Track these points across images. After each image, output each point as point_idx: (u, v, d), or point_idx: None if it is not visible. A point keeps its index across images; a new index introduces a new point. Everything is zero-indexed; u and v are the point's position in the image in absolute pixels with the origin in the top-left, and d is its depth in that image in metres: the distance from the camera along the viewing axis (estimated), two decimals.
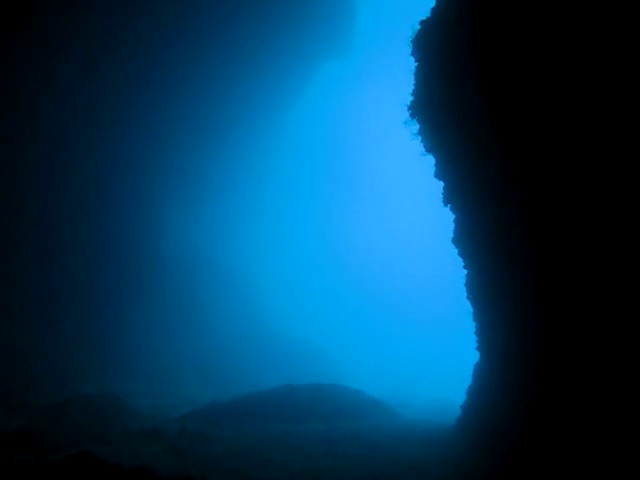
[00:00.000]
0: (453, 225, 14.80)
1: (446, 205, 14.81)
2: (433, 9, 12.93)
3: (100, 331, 34.95)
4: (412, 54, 13.79)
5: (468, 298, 16.28)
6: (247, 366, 41.17)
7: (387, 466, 14.76)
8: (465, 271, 16.24)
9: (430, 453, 17.06)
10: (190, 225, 46.34)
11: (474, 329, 17.46)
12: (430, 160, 14.75)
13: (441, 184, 14.54)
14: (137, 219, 39.59)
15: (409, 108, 14.23)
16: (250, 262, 53.94)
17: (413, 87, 13.94)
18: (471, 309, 16.46)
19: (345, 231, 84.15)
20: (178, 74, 41.57)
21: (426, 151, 14.65)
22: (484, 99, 12.71)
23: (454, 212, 14.75)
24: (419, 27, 13.43)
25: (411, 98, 14.13)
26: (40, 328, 31.30)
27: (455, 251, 15.75)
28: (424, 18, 13.14)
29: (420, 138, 14.56)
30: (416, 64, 13.77)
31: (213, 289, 45.98)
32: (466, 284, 15.96)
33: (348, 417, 24.14)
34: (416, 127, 14.36)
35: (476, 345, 17.63)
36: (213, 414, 23.48)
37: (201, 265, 46.03)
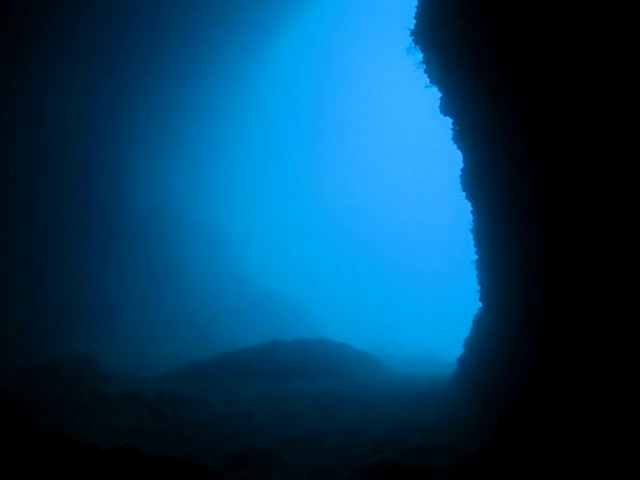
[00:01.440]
0: (456, 166, 13.49)
1: (456, 143, 13.38)
2: None
3: (70, 289, 33.29)
4: None
5: (475, 246, 15.06)
6: (227, 322, 40.04)
7: (386, 428, 13.75)
8: (465, 218, 15.03)
9: (428, 412, 16.12)
10: (165, 173, 44.20)
11: (477, 278, 16.32)
12: (430, 95, 13.28)
13: (444, 121, 13.13)
14: (105, 165, 37.45)
15: (412, 33, 12.61)
16: (229, 213, 52.23)
17: (416, 6, 12.30)
18: (475, 256, 15.28)
19: (328, 176, 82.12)
20: (152, 24, 38.98)
21: (430, 82, 13.10)
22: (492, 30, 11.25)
23: (462, 151, 13.34)
24: None
25: (414, 21, 12.50)
26: (6, 290, 29.56)
27: (450, 197, 14.57)
28: None
29: (424, 68, 12.99)
30: None
31: (190, 242, 44.27)
32: (472, 230, 14.72)
33: (336, 373, 23.18)
34: (419, 55, 12.79)
35: (478, 295, 16.53)
36: (194, 374, 22.31)
37: (177, 216, 44.18)
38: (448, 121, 13.14)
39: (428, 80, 12.99)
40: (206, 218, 47.71)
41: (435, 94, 13.11)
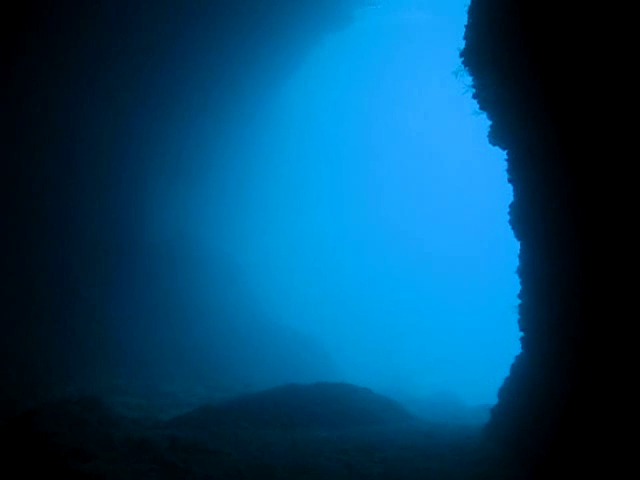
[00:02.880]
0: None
1: (509, 176, 12.18)
2: None
3: (80, 324, 32.11)
4: None
5: (521, 289, 13.76)
6: (240, 358, 38.57)
7: None
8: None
9: (463, 470, 14.63)
10: (178, 208, 43.36)
11: (520, 324, 14.96)
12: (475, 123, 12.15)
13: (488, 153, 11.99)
14: (120, 199, 36.64)
15: (461, 54, 11.59)
16: (243, 250, 51.23)
17: (467, 22, 11.29)
18: (519, 287, 13.98)
19: (348, 209, 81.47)
20: (171, 49, 38.59)
21: (480, 109, 12.04)
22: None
23: (515, 185, 12.16)
24: None
25: (464, 41, 11.49)
26: (13, 322, 28.41)
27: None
28: None
29: (473, 93, 11.94)
30: None
31: (202, 278, 43.16)
32: (519, 271, 13.44)
33: (358, 421, 21.66)
34: (468, 79, 11.75)
35: (520, 335, 15.14)
36: (207, 419, 20.87)
37: (190, 252, 43.16)
38: (493, 153, 12.09)
39: (477, 106, 11.94)
40: (220, 251, 46.70)
41: (481, 122, 12.09)
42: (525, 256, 12.84)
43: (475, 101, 11.92)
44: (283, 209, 63.82)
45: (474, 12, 11.06)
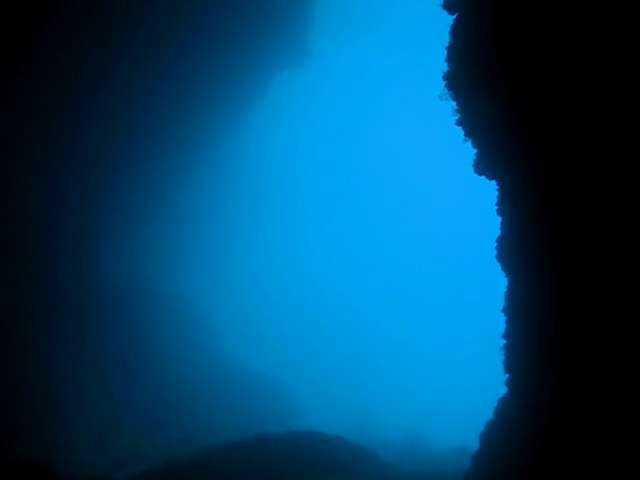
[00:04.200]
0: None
1: (498, 207, 11.44)
2: None
3: (24, 374, 29.89)
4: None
5: (507, 328, 12.95)
6: (204, 406, 36.74)
7: None
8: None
9: None
10: (131, 249, 41.59)
11: (504, 365, 14.10)
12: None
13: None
14: (66, 239, 34.82)
15: (444, 77, 10.94)
16: (206, 291, 49.59)
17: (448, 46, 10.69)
18: (504, 326, 13.17)
19: (305, 251, 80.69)
20: (122, 84, 37.44)
21: (466, 136, 11.36)
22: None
23: (503, 217, 11.43)
24: None
25: (446, 64, 10.85)
26: None
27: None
28: None
29: (457, 119, 11.26)
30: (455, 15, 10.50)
31: (163, 320, 41.27)
32: (505, 309, 12.65)
33: (330, 471, 20.37)
34: (452, 103, 11.06)
35: (505, 377, 14.27)
36: (170, 477, 19.25)
37: (148, 292, 41.28)
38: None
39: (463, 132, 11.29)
40: (180, 294, 44.93)
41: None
42: (512, 294, 12.09)
43: (460, 128, 11.33)
44: (244, 249, 62.59)
45: (456, 32, 10.51)
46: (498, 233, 11.67)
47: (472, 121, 10.68)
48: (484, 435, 17.41)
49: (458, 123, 11.31)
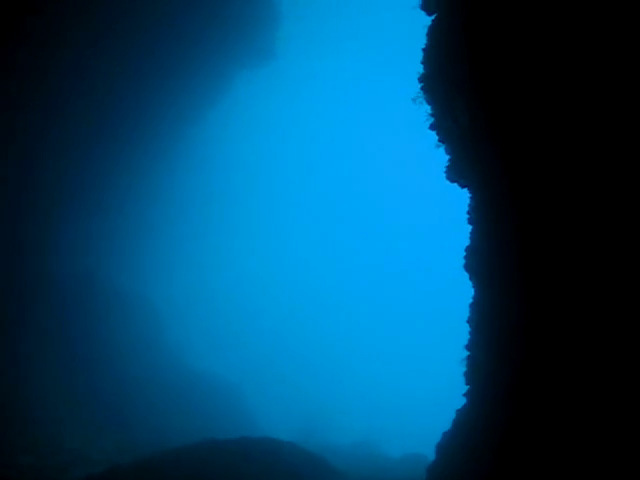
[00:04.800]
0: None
1: (469, 216, 11.22)
2: None
3: None
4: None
5: (471, 338, 12.78)
6: (152, 408, 35.63)
7: None
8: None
9: None
10: (86, 243, 40.18)
11: (465, 376, 13.94)
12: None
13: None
14: (18, 231, 33.40)
15: (420, 79, 10.63)
16: (159, 291, 48.37)
17: (426, 45, 10.38)
18: (465, 351, 12.98)
19: (258, 254, 79.86)
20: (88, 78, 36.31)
21: (439, 141, 11.08)
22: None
23: (474, 227, 11.19)
24: None
25: (421, 66, 10.55)
26: None
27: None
28: None
29: (431, 123, 10.97)
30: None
31: (113, 317, 39.90)
32: (470, 320, 12.46)
33: (284, 479, 19.86)
34: (427, 108, 10.77)
35: (465, 388, 14.10)
36: None
37: (100, 288, 39.91)
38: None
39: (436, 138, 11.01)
40: (135, 293, 43.66)
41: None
42: (478, 306, 11.90)
43: (433, 133, 11.04)
44: (199, 246, 61.49)
45: (434, 34, 10.22)
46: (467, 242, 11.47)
47: (446, 126, 10.44)
48: (441, 445, 17.28)
49: (432, 128, 11.05)
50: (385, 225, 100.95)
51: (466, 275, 11.57)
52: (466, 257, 11.35)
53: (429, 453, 35.84)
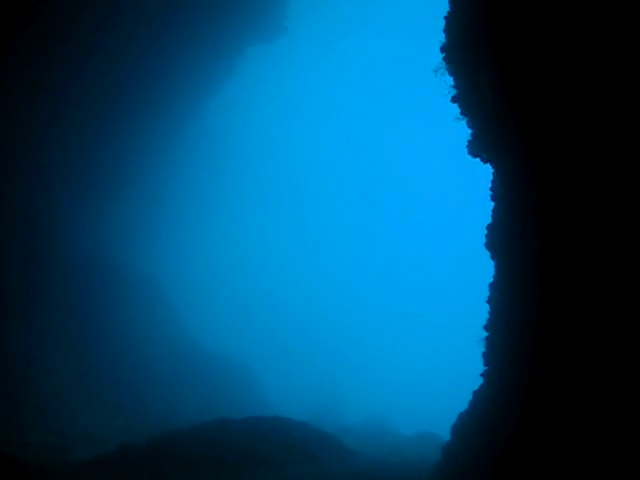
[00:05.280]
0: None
1: (492, 193, 10.69)
2: None
3: None
4: None
5: (490, 318, 12.37)
6: (164, 388, 35.69)
7: None
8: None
9: None
10: (98, 221, 39.97)
11: (484, 357, 13.56)
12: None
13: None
14: (28, 216, 33.21)
15: (442, 49, 10.09)
16: (167, 270, 48.19)
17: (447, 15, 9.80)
18: (487, 316, 12.59)
19: (271, 232, 79.46)
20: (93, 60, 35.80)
21: (461, 114, 10.56)
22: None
23: (497, 202, 10.70)
24: None
25: (443, 35, 9.98)
26: None
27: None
28: None
29: (454, 95, 10.45)
30: None
31: (124, 298, 39.82)
32: (490, 300, 12.04)
33: (296, 460, 19.72)
34: (449, 79, 10.21)
35: (483, 366, 13.72)
36: (127, 462, 18.37)
37: (110, 270, 39.76)
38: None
39: (459, 110, 10.48)
40: (146, 275, 43.46)
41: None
42: (499, 285, 11.46)
43: (455, 105, 10.49)
44: (210, 227, 61.25)
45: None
46: (488, 220, 10.99)
47: (469, 99, 9.90)
48: (457, 426, 16.99)
49: (454, 100, 10.51)
50: (398, 203, 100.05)
51: (486, 254, 11.13)
52: (487, 235, 10.89)
53: (441, 432, 35.77)
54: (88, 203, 38.90)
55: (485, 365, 13.71)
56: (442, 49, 10.17)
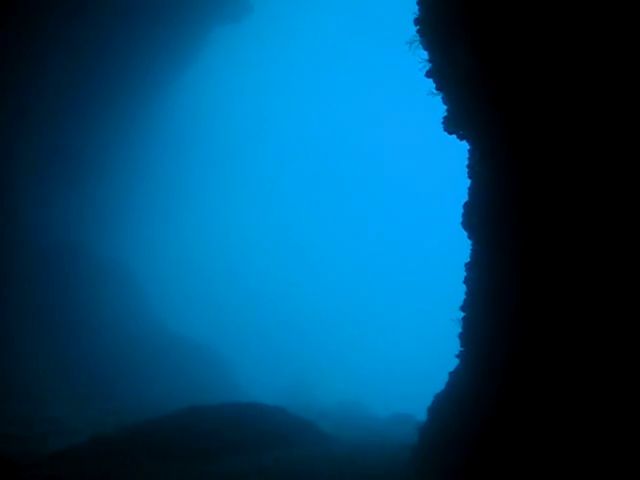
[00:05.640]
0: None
1: (469, 170, 10.49)
2: None
3: None
4: None
5: (466, 299, 12.27)
6: (135, 376, 35.20)
7: None
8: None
9: None
10: (65, 211, 39.07)
11: (460, 338, 13.50)
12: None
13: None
14: None
15: (416, 22, 9.81)
16: (135, 255, 47.40)
17: None
18: (463, 297, 12.51)
19: (240, 216, 78.72)
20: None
21: (437, 89, 10.32)
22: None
23: (473, 180, 10.52)
24: None
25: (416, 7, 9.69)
26: None
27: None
28: None
29: (428, 69, 10.19)
30: None
31: (93, 284, 39.04)
32: (467, 281, 11.93)
33: (273, 445, 19.59)
34: (424, 53, 9.96)
35: (459, 349, 13.68)
36: (100, 452, 17.99)
37: (78, 255, 38.90)
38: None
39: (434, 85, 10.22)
40: (110, 257, 42.62)
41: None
42: (475, 264, 11.34)
43: (430, 81, 10.24)
44: (182, 213, 60.47)
45: None
46: (464, 199, 10.85)
47: (446, 72, 9.67)
48: (433, 408, 16.99)
49: (428, 75, 10.27)
50: (370, 183, 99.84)
51: (459, 234, 11.00)
52: (464, 214, 10.74)
53: (416, 413, 36.04)
54: (57, 189, 37.98)
55: (461, 346, 13.66)
56: (416, 21, 9.91)
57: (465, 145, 10.79)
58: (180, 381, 36.57)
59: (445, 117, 10.46)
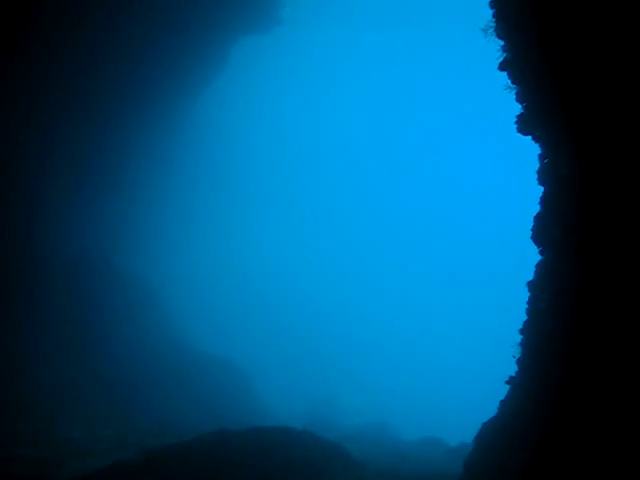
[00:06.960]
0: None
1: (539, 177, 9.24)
2: None
3: None
4: None
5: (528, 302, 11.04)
6: (155, 395, 34.10)
7: None
8: None
9: None
10: (87, 218, 38.36)
11: (519, 355, 12.25)
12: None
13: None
14: (6, 217, 31.53)
15: (491, 5, 8.71)
16: (157, 270, 46.58)
17: None
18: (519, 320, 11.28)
19: (262, 230, 77.81)
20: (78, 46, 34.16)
21: (513, 82, 9.20)
22: None
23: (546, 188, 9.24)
24: None
25: None
26: None
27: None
28: None
29: (503, 61, 9.08)
30: None
31: (112, 300, 38.17)
32: (533, 283, 10.70)
33: (301, 474, 18.31)
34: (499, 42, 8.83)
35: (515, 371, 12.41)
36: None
37: (99, 270, 38.13)
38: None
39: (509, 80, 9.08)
40: (133, 275, 41.80)
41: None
42: (552, 282, 10.02)
43: (504, 74, 9.09)
44: (203, 226, 59.66)
45: None
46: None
47: (524, 64, 8.50)
48: (480, 437, 15.66)
49: (502, 67, 9.14)
50: (400, 197, 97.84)
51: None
52: (535, 226, 9.50)
53: (445, 436, 34.50)
54: (72, 202, 37.34)
55: (519, 373, 12.37)
56: (491, 5, 8.77)
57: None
58: (202, 398, 35.46)
59: (520, 116, 9.26)
